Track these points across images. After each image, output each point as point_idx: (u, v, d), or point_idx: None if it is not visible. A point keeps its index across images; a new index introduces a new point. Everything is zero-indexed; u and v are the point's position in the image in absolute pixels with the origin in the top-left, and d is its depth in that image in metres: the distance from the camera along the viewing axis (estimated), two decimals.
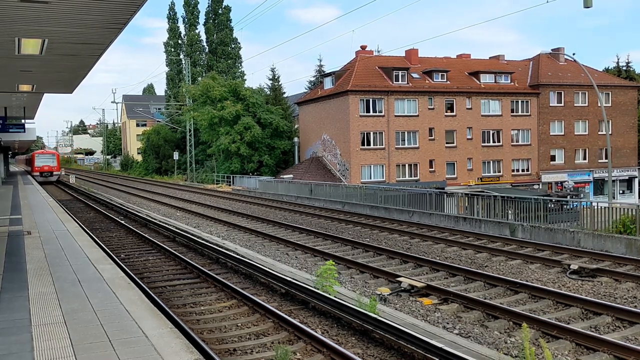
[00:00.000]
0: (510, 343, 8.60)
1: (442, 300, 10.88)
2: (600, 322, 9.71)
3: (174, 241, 18.01)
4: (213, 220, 23.56)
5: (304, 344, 8.25)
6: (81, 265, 10.58)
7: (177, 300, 10.84)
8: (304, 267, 13.82)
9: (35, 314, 7.35)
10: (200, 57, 77.89)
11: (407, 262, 14.64)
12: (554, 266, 13.99)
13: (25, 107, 27.79)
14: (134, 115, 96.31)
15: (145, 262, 14.70)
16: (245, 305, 10.31)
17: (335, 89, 50.18)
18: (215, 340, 8.56)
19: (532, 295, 11.26)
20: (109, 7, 8.45)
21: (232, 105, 52.33)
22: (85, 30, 9.83)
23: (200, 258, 15.16)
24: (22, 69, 14.03)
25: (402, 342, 7.87)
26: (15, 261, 11.00)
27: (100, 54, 12.12)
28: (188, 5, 78.77)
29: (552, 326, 9.03)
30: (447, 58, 57.44)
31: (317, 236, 18.93)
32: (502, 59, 58.77)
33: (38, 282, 9.15)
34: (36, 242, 13.43)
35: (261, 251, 16.00)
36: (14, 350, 6.01)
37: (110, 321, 6.99)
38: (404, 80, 50.29)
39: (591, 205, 18.16)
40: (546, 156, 55.12)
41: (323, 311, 9.79)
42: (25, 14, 8.69)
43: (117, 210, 27.94)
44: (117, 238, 18.88)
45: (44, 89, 19.36)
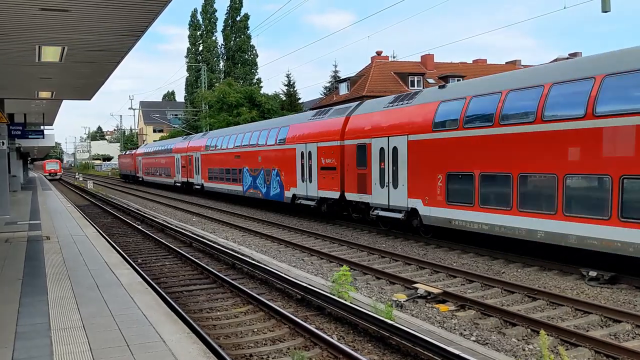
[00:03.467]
0: (529, 350, 8.52)
1: (459, 307, 10.81)
2: (620, 329, 9.58)
3: (190, 246, 18.11)
4: (229, 225, 23.65)
5: (320, 350, 8.24)
6: (99, 270, 10.68)
7: (194, 306, 10.89)
8: (319, 273, 13.82)
9: (54, 318, 7.43)
10: (217, 64, 78.48)
11: (424, 268, 14.58)
12: (572, 273, 13.83)
13: (45, 114, 28.21)
14: (150, 121, 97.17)
15: (161, 267, 14.79)
16: (261, 310, 10.32)
17: (350, 95, 50.23)
18: (232, 346, 8.58)
19: (550, 302, 11.15)
20: (128, 15, 8.56)
21: (247, 111, 52.61)
22: (104, 38, 9.96)
23: (216, 263, 15.22)
24: (41, 76, 14.24)
25: (419, 349, 7.83)
26: (35, 266, 11.13)
27: (119, 60, 12.27)
28: (206, 12, 79.54)
29: (571, 333, 8.93)
30: (463, 63, 57.30)
31: (333, 242, 18.91)
32: (518, 64, 58.48)
33: (57, 287, 9.25)
34: (55, 247, 13.59)
35: (277, 257, 16.02)
36: (33, 354, 6.08)
37: (128, 326, 7.04)
38: (419, 85, 50.21)
39: None
40: None
41: (339, 317, 9.77)
42: (46, 22, 8.83)
43: (134, 215, 28.15)
44: (134, 243, 19.03)
45: (63, 95, 19.63)
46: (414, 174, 18.11)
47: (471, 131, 15.84)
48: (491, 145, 15.12)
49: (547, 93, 13.66)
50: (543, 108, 13.63)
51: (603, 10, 22.04)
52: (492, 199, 15.19)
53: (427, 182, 17.40)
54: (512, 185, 14.38)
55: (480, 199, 15.43)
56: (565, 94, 13.43)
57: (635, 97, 11.85)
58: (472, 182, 15.68)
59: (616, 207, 11.89)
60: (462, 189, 16.13)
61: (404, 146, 18.49)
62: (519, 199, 14.23)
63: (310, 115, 26.16)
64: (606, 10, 21.99)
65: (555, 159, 13.27)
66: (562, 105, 13.43)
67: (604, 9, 22.01)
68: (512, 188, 14.38)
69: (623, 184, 11.74)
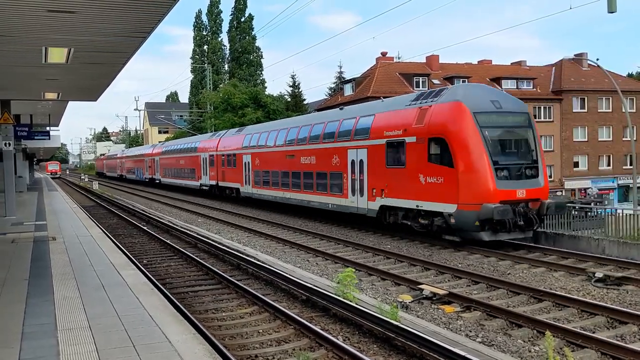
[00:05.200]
0: (534, 352, 8.50)
1: (464, 308, 10.79)
2: (627, 331, 9.54)
3: (195, 247, 18.13)
4: (234, 226, 23.67)
5: (325, 350, 8.24)
6: (105, 271, 10.71)
7: (199, 306, 10.90)
8: (324, 274, 13.81)
9: (60, 318, 7.45)
10: (222, 65, 78.61)
11: (429, 269, 14.56)
12: (578, 274, 13.79)
13: (51, 115, 28.34)
14: (156, 122, 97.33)
15: (167, 268, 14.81)
16: (267, 311, 10.33)
17: (355, 96, 50.21)
18: (237, 347, 8.59)
19: (556, 303, 11.11)
20: (134, 16, 8.59)
21: (252, 112, 52.65)
22: (110, 39, 10.00)
23: (221, 264, 15.24)
24: (48, 77, 14.30)
25: (425, 350, 7.82)
26: (41, 266, 11.17)
27: (125, 62, 12.31)
28: (211, 13, 79.66)
29: (577, 335, 8.90)
30: (469, 64, 57.19)
31: (338, 243, 18.90)
32: (524, 65, 58.34)
33: (63, 287, 9.28)
34: (61, 247, 13.63)
35: (282, 257, 16.02)
36: (40, 355, 6.10)
37: (134, 326, 7.06)
38: (424, 86, 50.13)
39: (616, 212, 17.87)
40: (569, 162, 54.47)
41: (344, 318, 9.77)
42: (53, 24, 8.87)
43: (139, 216, 28.22)
44: (139, 244, 19.07)
45: (69, 96, 19.71)
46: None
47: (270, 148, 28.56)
48: (298, 155, 25.47)
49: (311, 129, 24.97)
50: (308, 135, 24.90)
51: (609, 10, 22.00)
52: (298, 185, 25.59)
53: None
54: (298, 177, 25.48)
55: (295, 185, 26.02)
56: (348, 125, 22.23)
57: (355, 131, 21.29)
58: (287, 175, 26.65)
59: (351, 188, 21.33)
60: (270, 179, 28.72)
61: (248, 157, 31.60)
62: (303, 184, 24.97)
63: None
64: (612, 10, 21.95)
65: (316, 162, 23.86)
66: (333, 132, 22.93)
67: (610, 9, 21.97)
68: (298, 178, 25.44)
69: (351, 175, 21.40)
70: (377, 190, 19.71)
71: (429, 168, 17.30)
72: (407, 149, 18.14)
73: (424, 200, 17.55)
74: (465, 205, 16.20)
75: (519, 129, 17.48)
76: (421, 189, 17.57)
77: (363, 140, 20.62)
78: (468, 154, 16.33)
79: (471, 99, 17.10)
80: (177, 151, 47.52)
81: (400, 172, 18.55)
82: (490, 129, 16.66)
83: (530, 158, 17.29)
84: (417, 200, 17.81)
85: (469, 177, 16.25)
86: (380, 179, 19.59)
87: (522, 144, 17.49)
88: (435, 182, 17.08)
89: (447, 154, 16.64)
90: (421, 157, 17.53)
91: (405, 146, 18.22)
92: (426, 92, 19.04)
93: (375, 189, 19.84)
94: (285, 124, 29.68)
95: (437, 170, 17.02)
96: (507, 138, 17.28)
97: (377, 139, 19.69)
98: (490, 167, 16.15)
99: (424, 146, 17.39)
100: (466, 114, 16.50)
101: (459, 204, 16.28)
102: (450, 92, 17.88)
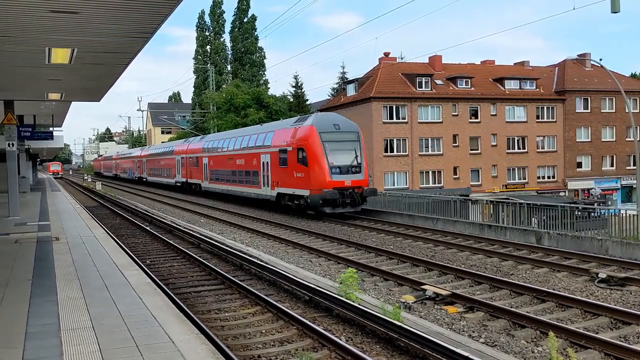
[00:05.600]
0: (538, 352, 8.49)
1: (467, 309, 10.77)
2: (630, 331, 9.53)
3: (198, 247, 18.14)
4: (236, 226, 23.68)
5: (328, 351, 8.23)
6: (108, 271, 10.72)
7: (202, 307, 10.92)
8: (327, 274, 13.81)
9: (64, 318, 7.46)
10: (225, 65, 78.63)
11: (432, 269, 14.55)
12: (581, 274, 13.77)
13: (54, 115, 28.37)
14: (159, 123, 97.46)
15: (170, 268, 14.83)
16: (269, 312, 10.33)
17: (358, 96, 50.21)
18: (240, 347, 8.59)
19: (559, 304, 11.10)
20: (137, 17, 8.61)
21: (255, 112, 52.68)
22: (114, 40, 10.02)
23: (224, 264, 15.25)
24: (51, 78, 14.33)
25: (427, 351, 7.81)
26: (44, 266, 11.19)
27: (128, 62, 12.32)
28: (214, 14, 79.70)
29: (580, 335, 8.89)
30: (471, 64, 57.13)
31: (340, 243, 18.90)
32: (527, 65, 58.26)
33: (66, 287, 9.29)
34: (64, 247, 13.65)
35: (284, 258, 16.03)
36: (43, 355, 6.11)
37: (137, 326, 7.07)
38: (427, 86, 50.11)
39: (619, 212, 17.84)
40: (572, 163, 54.39)
41: (347, 318, 9.77)
42: (56, 24, 8.89)
43: (142, 216, 28.25)
44: (142, 244, 19.09)
45: (72, 97, 19.74)
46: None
47: (220, 151, 37.30)
48: (235, 158, 33.96)
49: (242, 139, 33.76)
50: (241, 144, 33.63)
51: (613, 10, 21.97)
52: (235, 181, 34.15)
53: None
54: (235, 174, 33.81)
55: (229, 181, 35.15)
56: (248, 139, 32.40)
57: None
58: (229, 174, 35.04)
59: (262, 181, 29.25)
60: (219, 176, 37.05)
61: (205, 159, 40.17)
62: (238, 180, 33.39)
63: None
64: (616, 10, 21.91)
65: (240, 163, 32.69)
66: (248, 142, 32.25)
67: (613, 9, 21.94)
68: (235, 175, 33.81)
69: (262, 172, 29.16)
70: (275, 182, 28.44)
71: (297, 167, 26.03)
72: (288, 154, 26.88)
73: (295, 188, 26.35)
74: (314, 191, 24.89)
75: (349, 142, 26.09)
76: (294, 181, 26.40)
77: (268, 148, 29.38)
78: (315, 158, 25.09)
79: (319, 123, 26.15)
80: (159, 154, 56.18)
81: (285, 170, 27.25)
82: (330, 142, 25.39)
83: (355, 161, 25.86)
84: (293, 188, 26.61)
85: (315, 173, 25.03)
86: (276, 175, 28.27)
87: (351, 151, 25.96)
88: (300, 176, 25.90)
89: (304, 158, 25.45)
90: (294, 160, 26.30)
91: (287, 153, 26.98)
92: (300, 118, 29.45)
93: (274, 181, 28.60)
94: (229, 134, 39.37)
95: (301, 169, 25.79)
96: (340, 148, 25.71)
97: (275, 147, 28.49)
98: (327, 166, 24.86)
99: (295, 153, 26.18)
100: (314, 133, 25.40)
101: (311, 190, 25.01)
102: (309, 118, 27.56)
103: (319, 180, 24.75)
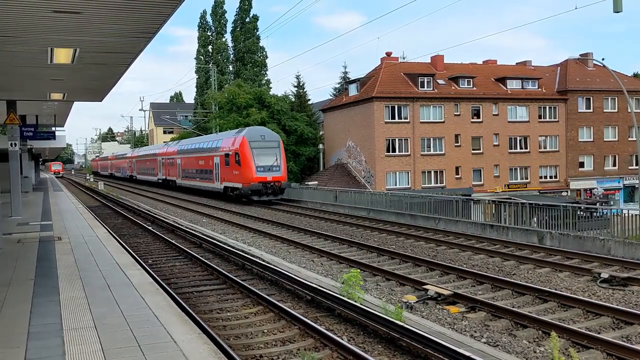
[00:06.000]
0: (540, 352, 8.48)
1: (469, 309, 10.77)
2: (632, 332, 9.52)
3: (200, 247, 18.16)
4: (238, 226, 23.70)
5: (330, 351, 8.24)
6: (110, 271, 10.73)
7: (204, 306, 10.93)
8: (329, 274, 13.82)
9: (66, 318, 7.47)
10: (227, 65, 78.63)
11: (434, 269, 14.54)
12: (583, 274, 13.76)
13: (56, 115, 28.38)
14: (161, 123, 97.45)
15: (172, 268, 14.84)
16: (271, 311, 10.34)
17: (360, 96, 50.19)
18: (242, 347, 8.60)
19: (561, 304, 11.09)
20: (139, 17, 8.61)
21: (257, 112, 52.67)
22: (116, 40, 10.02)
23: (226, 264, 15.26)
24: (53, 78, 14.33)
25: (429, 351, 7.81)
26: (47, 266, 11.21)
27: (130, 62, 12.32)
28: (215, 14, 79.67)
29: (582, 335, 8.88)
30: (473, 64, 57.08)
31: (342, 243, 18.91)
32: (529, 65, 58.17)
33: (68, 287, 9.30)
34: (66, 247, 13.66)
35: (286, 258, 16.03)
36: (45, 355, 6.12)
37: (139, 326, 7.07)
38: (429, 86, 50.08)
39: (622, 212, 17.82)
40: (574, 163, 54.31)
41: (349, 318, 9.77)
42: (58, 24, 8.89)
43: (144, 216, 28.28)
44: (144, 244, 19.10)
45: (74, 97, 19.74)
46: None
47: (187, 153, 45.96)
48: (198, 159, 42.22)
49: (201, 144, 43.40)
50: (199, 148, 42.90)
51: (615, 10, 21.94)
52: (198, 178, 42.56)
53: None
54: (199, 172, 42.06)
55: (194, 178, 43.50)
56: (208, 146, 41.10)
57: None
58: (194, 172, 43.14)
59: (215, 177, 38.47)
60: (192, 174, 44.17)
61: (179, 160, 47.90)
62: (200, 177, 41.70)
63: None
64: (618, 10, 21.88)
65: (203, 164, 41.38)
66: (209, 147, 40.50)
67: (615, 9, 21.90)
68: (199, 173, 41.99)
69: (215, 170, 38.34)
70: (223, 178, 37.42)
71: (235, 167, 34.94)
72: (230, 157, 35.64)
73: (234, 182, 35.36)
74: (245, 184, 33.94)
75: (271, 149, 34.66)
76: (233, 177, 35.47)
77: (218, 151, 38.24)
78: (245, 160, 33.97)
79: (250, 134, 35.25)
80: (146, 155, 65.10)
81: (228, 169, 36.15)
82: (256, 148, 34.14)
83: (276, 162, 34.41)
84: (233, 182, 35.56)
85: (245, 171, 33.96)
86: (223, 172, 37.25)
87: (272, 155, 34.46)
88: (237, 173, 34.84)
89: (239, 160, 34.30)
90: (233, 161, 35.18)
91: (229, 156, 35.78)
92: (239, 130, 38.86)
93: (222, 177, 37.51)
94: (196, 140, 48.98)
95: (237, 168, 34.71)
96: (264, 153, 34.28)
97: (222, 151, 37.35)
98: (254, 166, 33.68)
99: (234, 156, 34.94)
100: (246, 142, 34.38)
101: (243, 183, 34.10)
102: (244, 131, 36.64)
103: (248, 176, 33.66)
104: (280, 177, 34.42)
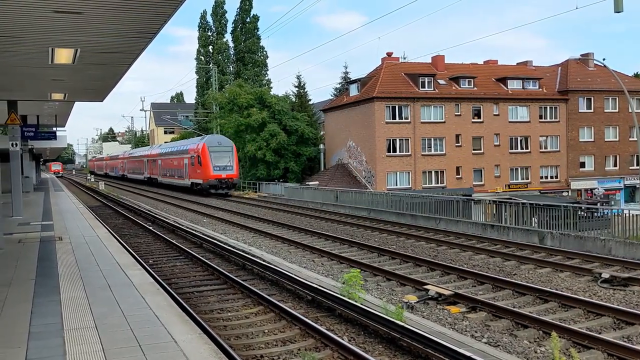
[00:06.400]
0: (540, 353, 8.48)
1: (470, 309, 10.77)
2: (633, 332, 9.52)
3: (200, 247, 18.16)
4: (239, 226, 23.71)
5: (330, 351, 8.24)
6: (111, 271, 10.73)
7: (205, 306, 10.93)
8: (330, 274, 13.82)
9: (67, 318, 7.47)
10: (227, 65, 78.62)
11: (434, 269, 14.54)
12: (584, 275, 13.76)
13: (57, 115, 28.40)
14: (162, 123, 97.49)
15: (172, 268, 14.85)
16: (272, 311, 10.34)
17: (360, 96, 50.17)
18: (243, 347, 8.60)
19: (562, 304, 11.09)
20: (140, 17, 8.61)
21: (258, 112, 52.68)
22: (117, 40, 10.02)
23: (226, 264, 15.26)
24: (54, 78, 14.33)
25: (430, 351, 7.81)
26: (47, 266, 11.21)
27: (131, 62, 12.32)
28: (216, 14, 79.67)
29: (583, 336, 8.88)
30: (474, 64, 57.04)
31: (343, 243, 18.91)
32: (529, 65, 58.13)
33: (69, 287, 9.31)
34: (67, 247, 13.67)
35: (287, 258, 16.04)
36: (46, 355, 6.12)
37: (140, 326, 7.07)
38: (430, 86, 50.06)
39: (622, 212, 17.82)
40: (575, 163, 54.27)
41: (349, 318, 9.77)
42: (59, 25, 8.89)
43: (145, 216, 28.29)
44: (145, 244, 19.11)
45: (75, 97, 19.74)
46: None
47: (165, 155, 55.88)
48: (173, 160, 52.45)
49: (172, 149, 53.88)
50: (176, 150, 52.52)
51: (615, 10, 21.93)
52: (173, 176, 52.13)
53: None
54: (174, 171, 51.79)
55: (171, 176, 52.81)
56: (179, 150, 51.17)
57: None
58: (170, 171, 52.92)
59: (184, 175, 47.61)
60: (169, 172, 53.96)
61: (160, 161, 57.26)
62: (175, 175, 51.39)
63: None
64: (619, 10, 21.87)
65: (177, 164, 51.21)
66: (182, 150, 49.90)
67: (616, 9, 21.89)
68: (174, 172, 51.66)
69: (184, 170, 47.61)
70: (189, 175, 45.81)
71: (197, 166, 43.38)
72: (195, 158, 44.00)
73: (196, 179, 44.10)
74: (204, 180, 42.56)
75: (226, 152, 43.22)
76: (197, 174, 43.82)
77: (187, 154, 46.51)
78: (205, 161, 42.45)
79: (209, 141, 43.99)
80: (135, 156, 73.67)
81: (193, 168, 44.44)
82: (214, 152, 42.67)
83: (229, 163, 42.98)
84: (196, 179, 44.04)
85: (204, 170, 42.42)
86: (190, 171, 45.40)
87: (227, 158, 42.98)
88: (199, 172, 43.16)
89: (200, 161, 42.73)
90: (196, 162, 43.70)
91: (194, 157, 44.18)
92: (202, 137, 47.36)
93: (189, 175, 45.80)
94: (172, 144, 59.10)
95: (199, 167, 43.05)
96: (220, 156, 42.70)
97: (189, 153, 45.66)
98: (211, 166, 42.23)
99: (197, 157, 43.44)
100: (205, 147, 42.98)
101: (203, 180, 42.66)
102: (205, 138, 45.51)
103: (207, 174, 42.31)
104: (233, 174, 43.56)
